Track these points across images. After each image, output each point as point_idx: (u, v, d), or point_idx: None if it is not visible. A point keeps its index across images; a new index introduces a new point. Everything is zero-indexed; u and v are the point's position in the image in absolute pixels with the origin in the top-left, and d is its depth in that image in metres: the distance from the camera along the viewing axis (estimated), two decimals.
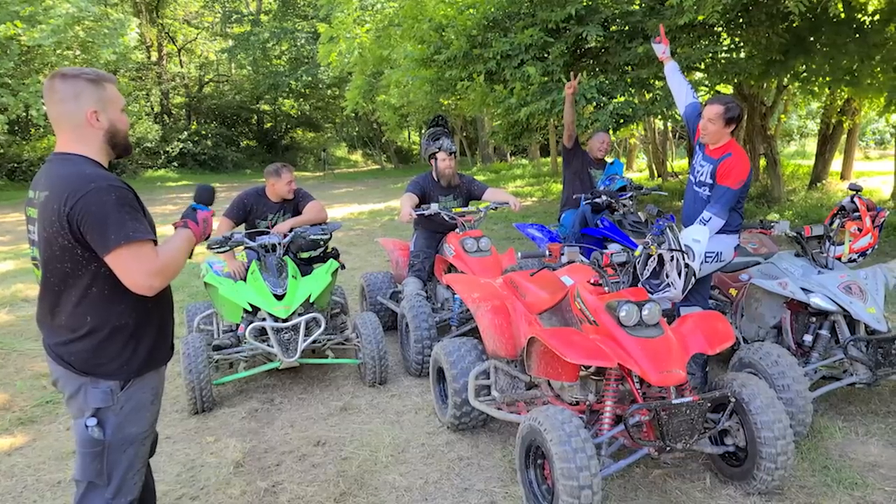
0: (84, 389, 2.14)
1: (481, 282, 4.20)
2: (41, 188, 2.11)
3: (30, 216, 2.19)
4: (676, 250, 3.40)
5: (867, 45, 8.60)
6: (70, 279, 2.10)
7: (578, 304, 3.32)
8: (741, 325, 4.41)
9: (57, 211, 2.01)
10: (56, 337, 2.16)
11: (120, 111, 2.22)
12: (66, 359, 2.14)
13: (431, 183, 5.71)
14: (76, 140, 2.14)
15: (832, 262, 3.98)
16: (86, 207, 1.99)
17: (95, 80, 2.15)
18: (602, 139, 6.50)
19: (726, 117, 3.94)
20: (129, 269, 2.05)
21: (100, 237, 2.01)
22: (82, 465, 2.18)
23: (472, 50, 8.61)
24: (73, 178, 2.04)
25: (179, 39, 33.11)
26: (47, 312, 2.18)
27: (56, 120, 2.15)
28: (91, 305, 2.12)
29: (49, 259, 2.09)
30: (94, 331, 2.13)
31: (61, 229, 2.02)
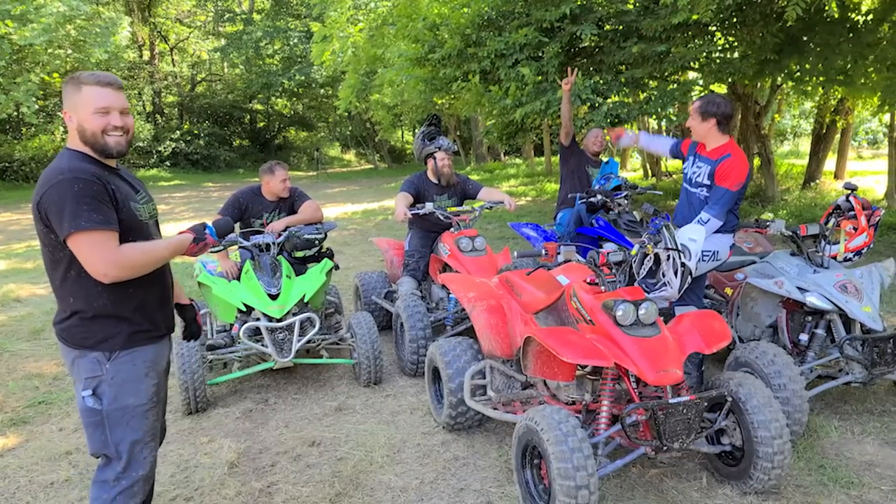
0: (76, 362, 2.32)
1: (477, 281, 4.19)
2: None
3: None
4: (673, 249, 3.40)
5: (861, 44, 8.62)
6: (52, 263, 2.31)
7: (575, 303, 3.31)
8: (737, 324, 4.41)
9: (35, 200, 2.23)
10: (56, 316, 2.37)
11: (91, 113, 2.29)
12: (60, 335, 2.35)
13: (426, 182, 5.69)
14: (70, 136, 2.36)
15: (828, 261, 3.98)
16: (50, 197, 2.18)
17: (72, 82, 2.33)
18: (596, 135, 6.52)
19: (701, 111, 3.94)
20: (86, 257, 2.20)
21: (57, 225, 2.18)
22: (89, 438, 2.33)
23: (466, 49, 8.60)
24: (49, 171, 2.26)
25: (172, 38, 32.95)
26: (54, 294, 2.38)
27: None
28: (71, 287, 2.30)
29: (41, 244, 2.31)
30: (78, 311, 2.30)
31: (39, 216, 2.23)
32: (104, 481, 2.35)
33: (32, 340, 5.92)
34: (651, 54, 8.42)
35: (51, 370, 5.12)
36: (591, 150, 6.46)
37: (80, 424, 4.14)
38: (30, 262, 9.85)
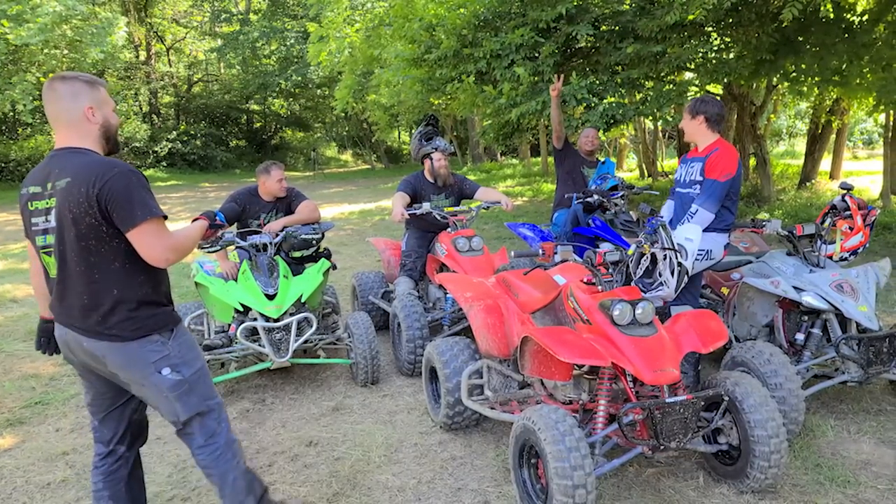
0: (140, 351, 2.38)
1: (474, 281, 4.19)
2: (58, 177, 2.29)
3: (36, 209, 2.37)
4: (669, 249, 3.41)
5: (856, 45, 8.65)
6: (93, 257, 2.31)
7: (572, 303, 3.32)
8: (733, 323, 4.42)
9: (85, 193, 2.23)
10: (86, 319, 2.35)
11: (111, 110, 2.45)
12: (109, 332, 2.35)
13: (423, 182, 5.70)
14: (77, 136, 2.36)
15: (824, 260, 3.99)
16: (113, 187, 2.24)
17: (90, 82, 2.41)
18: (588, 134, 6.54)
19: (691, 109, 3.99)
20: (151, 244, 2.31)
21: (127, 213, 2.25)
22: (185, 405, 2.47)
23: (462, 49, 8.60)
24: (95, 164, 2.28)
25: (168, 39, 32.87)
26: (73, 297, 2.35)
27: (56, 117, 2.36)
28: (115, 278, 2.34)
29: (75, 238, 2.28)
30: (122, 301, 2.35)
31: (89, 209, 2.23)
32: (211, 434, 2.56)
33: (29, 341, 5.90)
34: (647, 54, 8.43)
35: (47, 370, 5.11)
36: (584, 150, 6.48)
37: (76, 424, 4.14)
38: (26, 263, 9.82)
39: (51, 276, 2.42)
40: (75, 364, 2.53)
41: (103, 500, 2.63)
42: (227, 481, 2.59)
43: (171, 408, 2.48)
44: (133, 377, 2.42)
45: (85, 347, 2.39)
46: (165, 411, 2.51)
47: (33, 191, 2.38)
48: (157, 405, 2.50)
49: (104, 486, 2.63)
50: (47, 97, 2.37)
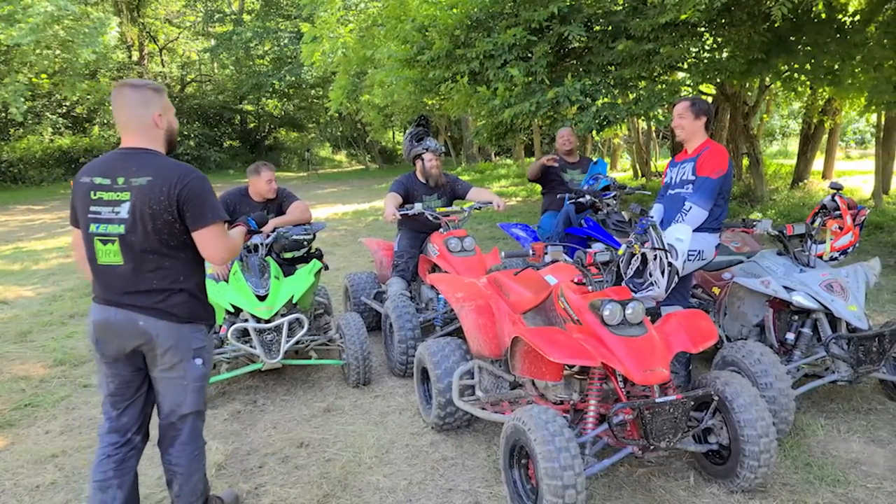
0: (187, 335, 2.64)
1: (465, 281, 4.19)
2: (136, 175, 2.51)
3: (100, 199, 2.54)
4: (660, 249, 3.41)
5: (848, 45, 8.68)
6: (166, 248, 2.56)
7: (562, 303, 3.32)
8: (724, 323, 4.43)
9: (167, 192, 2.49)
10: (151, 298, 2.58)
11: (173, 115, 2.72)
12: (168, 311, 2.59)
13: (415, 183, 5.69)
14: (146, 138, 2.59)
15: (814, 260, 4.00)
16: (192, 190, 2.52)
17: (158, 90, 2.66)
18: (562, 135, 6.57)
19: (694, 110, 4.02)
20: (214, 244, 2.61)
21: (199, 214, 2.54)
22: (194, 399, 2.71)
23: (455, 50, 8.59)
24: (174, 167, 2.55)
25: (161, 39, 32.74)
26: (139, 279, 2.57)
27: (126, 121, 2.59)
28: (182, 268, 2.63)
29: (150, 231, 2.51)
30: (185, 288, 2.64)
31: (169, 206, 2.50)
32: (196, 436, 2.76)
33: (19, 343, 5.88)
34: (639, 53, 8.44)
35: (38, 372, 5.09)
36: (561, 151, 6.51)
37: (66, 427, 4.12)
38: (17, 264, 9.79)
39: (99, 262, 2.57)
40: (109, 351, 2.62)
41: (111, 489, 2.66)
42: (189, 482, 2.75)
43: (183, 398, 2.68)
44: (173, 359, 2.62)
45: (140, 326, 2.57)
46: (173, 401, 2.68)
47: (99, 182, 2.54)
48: (171, 391, 2.67)
49: (115, 475, 2.68)
50: (118, 102, 2.60)
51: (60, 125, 26.71)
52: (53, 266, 9.62)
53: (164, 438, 2.75)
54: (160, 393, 2.70)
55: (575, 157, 6.56)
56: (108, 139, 27.01)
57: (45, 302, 7.39)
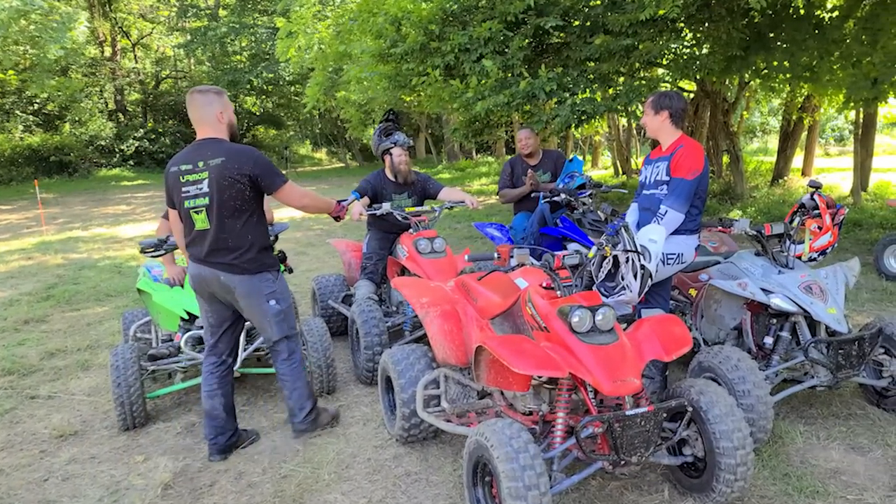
0: (259, 283, 3.44)
1: (431, 285, 3.99)
2: (211, 157, 3.30)
3: (188, 180, 3.33)
4: (632, 251, 3.24)
5: (826, 41, 8.59)
6: (238, 212, 3.35)
7: (529, 309, 3.14)
8: (700, 326, 4.28)
9: (238, 169, 3.29)
10: (229, 255, 3.37)
11: (232, 112, 3.51)
12: (243, 266, 3.39)
13: (384, 181, 5.49)
14: (213, 130, 3.41)
15: (792, 260, 3.86)
16: (260, 164, 3.37)
17: (219, 93, 3.47)
18: (521, 137, 6.39)
19: (654, 105, 3.85)
20: (292, 195, 3.53)
21: (272, 181, 3.42)
22: (279, 329, 3.56)
23: (429, 44, 8.38)
24: (240, 149, 3.37)
25: (134, 34, 32.05)
26: (219, 241, 3.36)
27: (199, 119, 3.42)
28: (251, 228, 3.42)
29: (225, 199, 3.31)
30: (254, 244, 3.42)
31: (241, 178, 3.30)
32: (292, 352, 3.65)
33: None
34: (617, 48, 8.29)
35: None
36: (521, 154, 6.39)
37: (6, 443, 3.88)
38: None
39: (196, 229, 3.36)
40: (205, 296, 3.50)
41: (217, 397, 3.57)
42: (297, 387, 3.66)
43: (270, 329, 3.53)
44: (250, 303, 3.45)
45: (221, 280, 3.39)
46: (264, 331, 3.55)
47: (185, 168, 3.34)
48: (261, 325, 3.53)
49: (218, 386, 3.59)
50: (190, 105, 3.43)
51: (31, 123, 26.09)
52: (13, 269, 9.30)
53: (272, 358, 3.67)
54: (255, 324, 3.56)
55: (536, 158, 6.40)
56: (80, 137, 26.38)
57: (1, 307, 7.10)
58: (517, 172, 6.38)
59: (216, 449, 3.58)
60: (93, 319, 6.46)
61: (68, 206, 17.50)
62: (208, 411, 3.56)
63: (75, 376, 4.98)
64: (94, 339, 5.83)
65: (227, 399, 3.61)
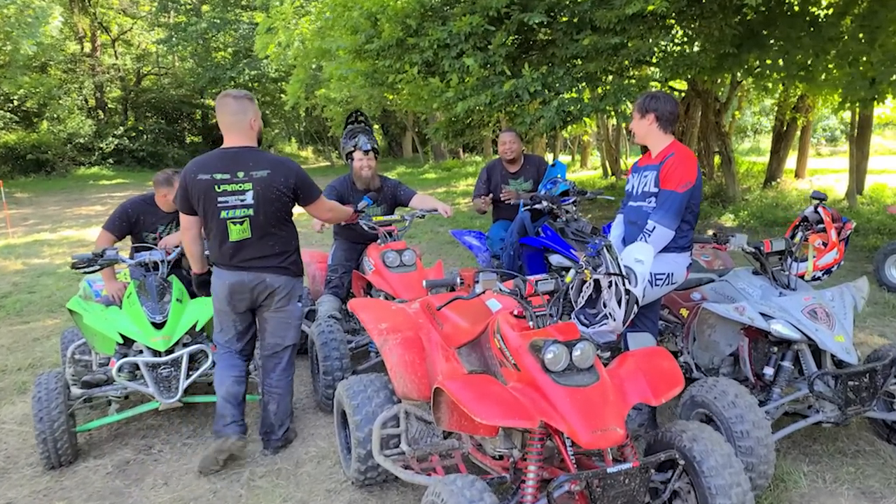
0: (296, 285, 3.59)
1: (392, 308, 3.57)
2: (254, 168, 3.31)
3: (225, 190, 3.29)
4: (615, 274, 2.84)
5: (821, 39, 8.24)
6: (281, 221, 3.44)
7: (498, 341, 2.73)
8: (692, 350, 3.88)
9: (283, 181, 3.35)
10: (277, 259, 3.46)
11: (260, 118, 3.47)
12: (287, 268, 3.51)
13: (350, 187, 5.08)
14: (246, 138, 3.37)
15: (794, 280, 3.47)
16: (302, 176, 3.46)
17: (251, 98, 3.41)
18: (504, 140, 5.90)
19: (640, 107, 3.48)
20: (322, 208, 3.70)
21: (310, 194, 3.53)
22: (294, 334, 3.65)
23: (406, 39, 7.95)
24: (282, 161, 3.45)
25: (114, 30, 31.29)
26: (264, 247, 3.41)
27: (229, 124, 3.35)
28: (291, 234, 3.54)
29: (271, 211, 3.36)
30: (296, 248, 3.57)
31: (287, 191, 3.38)
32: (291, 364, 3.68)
33: None
34: (605, 47, 7.90)
35: None
36: (503, 159, 5.94)
37: None
38: None
39: (231, 239, 3.33)
40: (241, 304, 3.49)
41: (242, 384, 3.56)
42: (285, 401, 3.65)
43: (287, 332, 3.61)
44: (284, 304, 3.54)
45: (267, 282, 3.44)
46: (280, 335, 3.59)
47: (220, 177, 3.28)
48: (279, 328, 3.57)
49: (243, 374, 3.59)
50: (223, 109, 3.35)
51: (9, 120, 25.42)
52: None
53: (266, 367, 3.63)
54: (268, 331, 3.58)
55: (517, 165, 5.94)
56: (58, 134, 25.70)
57: None
58: (495, 180, 5.94)
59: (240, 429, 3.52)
60: (41, 334, 6.00)
61: (42, 207, 16.94)
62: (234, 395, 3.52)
63: (9, 401, 4.53)
64: (38, 357, 5.38)
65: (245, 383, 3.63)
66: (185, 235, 3.53)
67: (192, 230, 3.49)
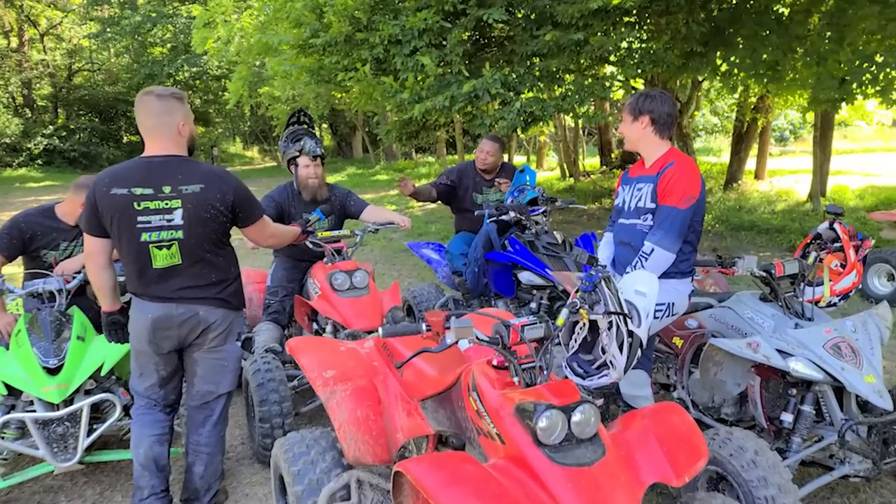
0: (235, 320, 3.03)
1: (341, 349, 2.96)
2: (184, 182, 2.74)
3: (147, 208, 2.69)
4: (617, 313, 2.30)
5: (789, 37, 7.94)
6: (218, 245, 2.90)
7: (474, 401, 2.15)
8: (688, 385, 3.39)
9: (221, 198, 2.81)
10: (212, 290, 2.90)
11: (192, 122, 2.93)
12: (226, 300, 2.95)
13: (293, 197, 4.45)
14: (173, 145, 2.81)
15: (809, 308, 2.99)
16: (241, 194, 2.90)
17: (181, 98, 2.86)
18: (483, 149, 5.22)
19: (632, 108, 3.01)
20: (262, 233, 3.15)
21: (250, 214, 2.98)
22: (232, 377, 3.05)
23: (355, 34, 7.32)
24: (219, 173, 2.89)
25: (42, 23, 29.52)
26: (198, 275, 2.84)
27: (151, 128, 2.78)
28: (229, 259, 3.01)
29: (205, 233, 2.81)
30: (237, 276, 3.05)
31: (225, 210, 2.84)
32: (223, 417, 3.06)
33: None
34: (567, 43, 7.43)
35: None
36: (478, 167, 5.28)
37: None
38: None
39: (155, 266, 2.75)
40: (164, 342, 2.83)
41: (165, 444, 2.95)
42: (213, 462, 3.02)
43: (222, 378, 3.00)
44: (220, 341, 2.93)
45: (200, 315, 2.84)
46: (213, 380, 2.97)
47: (140, 192, 2.68)
48: (211, 372, 2.95)
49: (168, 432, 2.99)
50: (145, 109, 2.76)
51: None
52: None
53: (194, 420, 2.99)
54: (198, 376, 2.96)
55: (492, 175, 5.29)
56: None
57: None
58: (465, 186, 5.30)
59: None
60: None
61: None
62: (155, 459, 2.92)
63: None
64: None
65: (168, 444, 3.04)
66: (91, 263, 2.83)
67: (99, 256, 2.81)
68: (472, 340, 2.13)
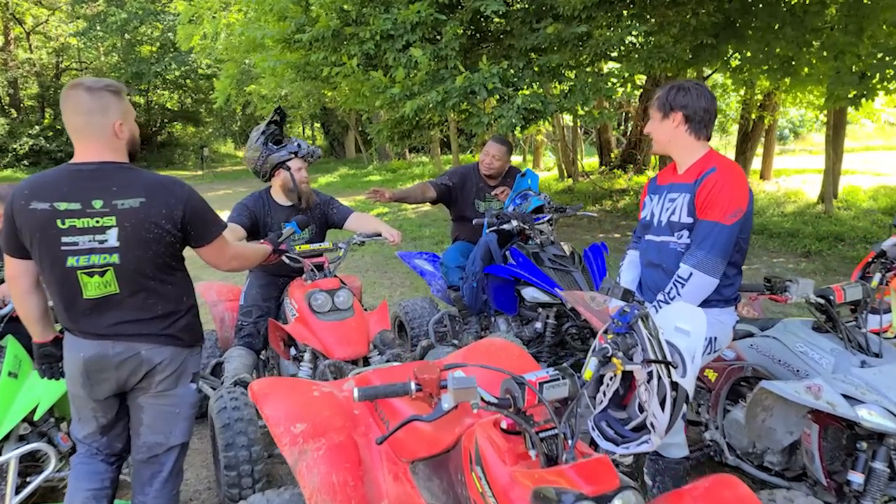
0: (189, 359, 2.52)
1: (314, 393, 2.46)
2: (120, 196, 2.24)
3: (73, 227, 2.21)
4: (659, 362, 1.82)
5: (804, 29, 7.48)
6: (165, 270, 2.39)
7: (478, 478, 1.68)
8: (725, 426, 2.91)
9: (167, 214, 2.31)
10: (156, 325, 2.39)
11: (134, 121, 2.41)
12: (176, 336, 2.43)
13: (269, 205, 3.98)
14: (108, 150, 2.30)
15: (875, 341, 2.51)
16: (195, 208, 2.38)
17: (117, 92, 2.32)
18: (489, 151, 4.68)
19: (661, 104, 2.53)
20: (222, 254, 2.58)
21: (205, 231, 2.45)
22: (185, 428, 2.53)
23: (344, 28, 6.83)
24: (167, 185, 2.35)
25: (28, 22, 28.95)
26: (139, 307, 2.35)
27: (79, 129, 2.27)
28: (183, 287, 2.50)
29: (147, 257, 2.31)
30: (191, 307, 2.52)
31: (173, 228, 2.33)
32: (177, 472, 2.56)
33: None
34: (569, 37, 6.95)
35: None
36: (483, 172, 4.77)
37: None
38: None
39: (86, 297, 2.28)
40: (99, 386, 2.38)
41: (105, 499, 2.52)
42: None
43: (172, 427, 2.50)
44: (170, 385, 2.45)
45: (142, 355, 2.37)
46: (163, 430, 2.48)
47: (65, 207, 2.21)
48: (159, 421, 2.46)
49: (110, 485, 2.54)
50: (72, 105, 2.26)
51: None
52: None
53: (141, 476, 2.51)
54: (144, 424, 2.47)
55: (496, 181, 4.79)
56: None
57: None
58: (468, 191, 4.78)
59: None
60: None
61: None
62: None
63: None
64: None
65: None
66: (14, 287, 2.38)
67: (22, 279, 2.36)
68: (476, 405, 1.64)
